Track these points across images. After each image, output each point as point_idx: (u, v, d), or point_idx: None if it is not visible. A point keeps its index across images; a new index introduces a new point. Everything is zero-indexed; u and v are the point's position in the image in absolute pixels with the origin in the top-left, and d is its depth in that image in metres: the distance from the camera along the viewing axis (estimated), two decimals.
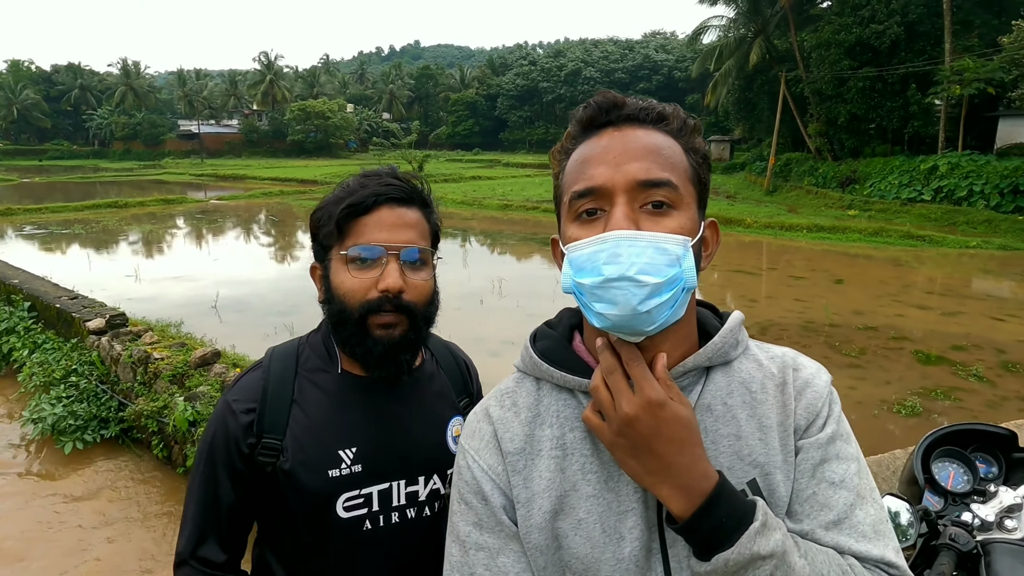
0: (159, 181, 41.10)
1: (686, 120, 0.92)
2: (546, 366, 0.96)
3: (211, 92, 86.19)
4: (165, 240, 18.86)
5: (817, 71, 26.51)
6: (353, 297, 1.19)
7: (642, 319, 0.81)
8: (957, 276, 14.00)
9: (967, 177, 20.63)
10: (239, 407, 1.24)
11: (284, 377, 1.27)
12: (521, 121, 78.17)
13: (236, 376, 1.35)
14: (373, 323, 1.19)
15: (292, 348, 1.33)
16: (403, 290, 1.18)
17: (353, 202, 1.19)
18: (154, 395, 6.01)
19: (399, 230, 1.20)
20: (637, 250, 0.80)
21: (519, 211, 24.46)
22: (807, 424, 0.90)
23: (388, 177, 1.25)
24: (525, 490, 0.92)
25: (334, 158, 65.27)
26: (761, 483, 0.87)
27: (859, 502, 0.86)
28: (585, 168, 0.88)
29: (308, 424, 1.23)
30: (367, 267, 1.19)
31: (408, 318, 1.20)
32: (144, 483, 5.58)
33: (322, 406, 1.25)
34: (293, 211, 25.67)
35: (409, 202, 1.24)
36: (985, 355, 8.33)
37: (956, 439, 1.40)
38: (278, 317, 9.80)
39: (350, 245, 1.19)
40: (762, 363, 0.95)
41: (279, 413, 1.23)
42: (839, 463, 0.88)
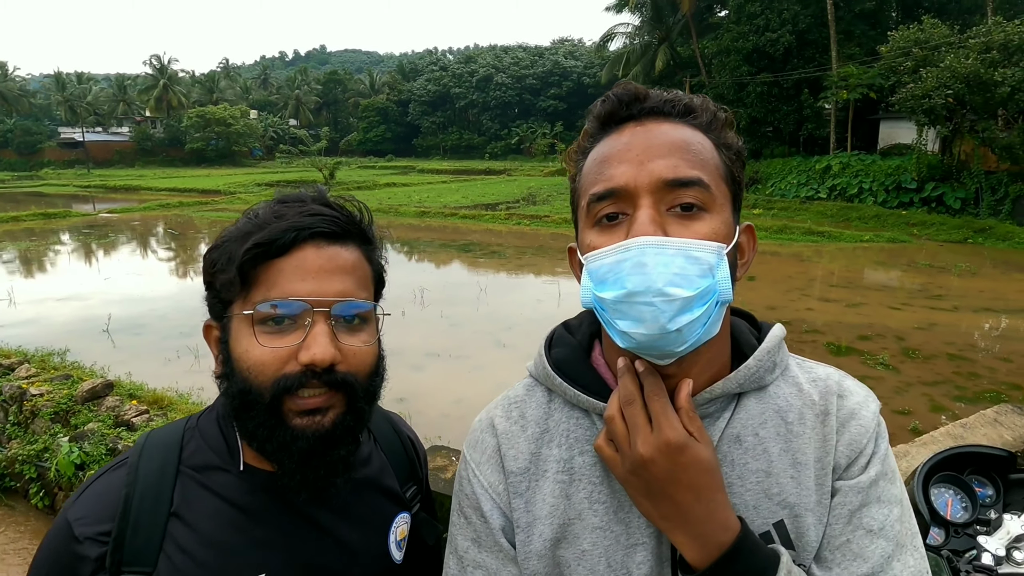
0: (38, 193, 37.74)
1: (716, 112, 0.82)
2: (559, 380, 0.86)
3: (96, 97, 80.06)
4: (47, 258, 17.23)
5: (719, 76, 27.81)
6: (263, 372, 0.84)
7: (671, 339, 0.72)
8: (855, 269, 14.92)
9: (857, 176, 22.21)
10: (85, 530, 0.85)
11: (160, 480, 0.89)
12: (434, 127, 77.68)
13: (85, 481, 0.93)
14: (291, 409, 0.85)
15: (175, 437, 0.95)
16: (336, 361, 0.85)
17: (263, 240, 0.85)
18: (32, 436, 5.30)
19: (329, 278, 0.87)
20: (665, 259, 0.71)
21: (436, 218, 24.11)
22: (848, 463, 0.80)
23: (314, 204, 0.91)
24: (526, 514, 0.84)
25: (238, 166, 62.37)
26: (790, 525, 0.78)
27: (898, 552, 0.77)
28: (605, 168, 0.78)
29: (195, 546, 0.86)
30: (283, 330, 0.85)
31: (345, 396, 0.87)
32: (22, 536, 4.89)
33: (218, 520, 0.89)
34: (195, 223, 24.17)
35: (344, 238, 0.91)
36: (888, 343, 8.83)
37: (952, 463, 1.29)
38: (180, 339, 9.05)
39: (259, 300, 0.85)
40: (802, 388, 0.84)
41: (149, 533, 0.85)
42: (880, 508, 0.78)
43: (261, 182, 39.54)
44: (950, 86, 17.15)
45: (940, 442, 2.25)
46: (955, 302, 11.35)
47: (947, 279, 13.22)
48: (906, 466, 2.09)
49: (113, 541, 0.84)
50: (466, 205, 26.62)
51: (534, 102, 71.67)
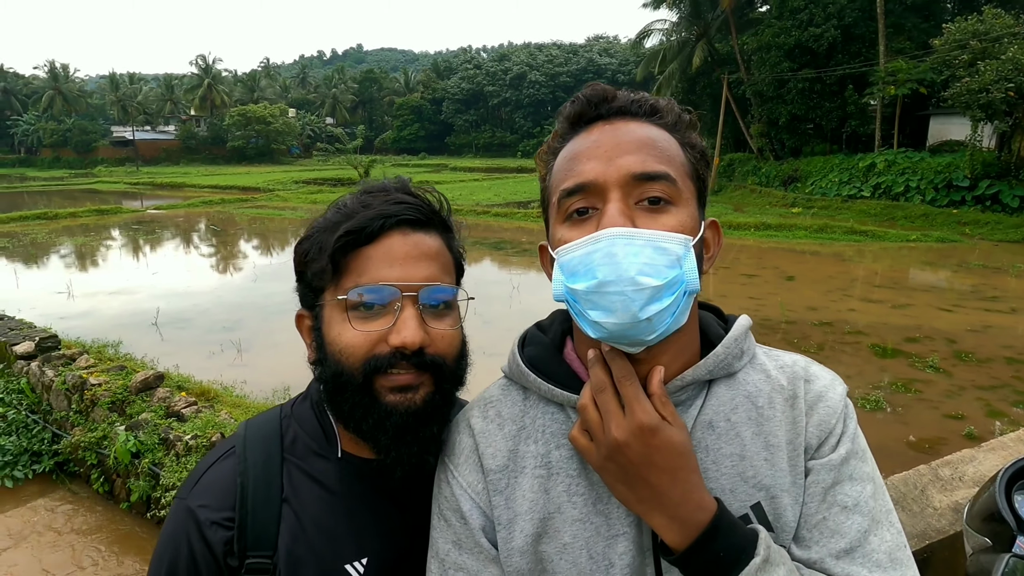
0: (92, 190, 39.09)
1: (681, 114, 0.85)
2: (533, 376, 0.88)
3: (146, 97, 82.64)
4: (99, 253, 17.85)
5: (758, 73, 27.22)
6: (354, 354, 0.88)
7: (642, 327, 0.74)
8: (900, 269, 14.49)
9: (903, 174, 21.52)
10: (209, 516, 0.89)
11: (268, 468, 0.93)
12: (467, 125, 77.94)
13: (196, 468, 0.97)
14: (383, 386, 0.88)
15: (273, 425, 0.98)
16: (425, 344, 0.88)
17: (353, 227, 0.88)
18: (92, 425, 5.52)
19: (416, 263, 0.90)
20: (634, 249, 0.73)
21: (469, 216, 24.19)
22: (819, 443, 0.82)
23: (398, 192, 0.94)
24: (507, 511, 0.85)
25: (277, 164, 63.57)
26: (767, 507, 0.80)
27: (874, 527, 0.79)
28: (575, 164, 0.81)
29: (304, 532, 0.91)
30: (374, 315, 0.88)
31: (433, 376, 0.90)
32: (85, 521, 5.10)
33: (321, 506, 0.93)
34: (235, 220, 24.73)
35: (427, 225, 0.93)
36: (938, 346, 8.56)
37: None
38: (223, 334, 9.30)
39: (350, 287, 0.88)
40: (770, 374, 0.87)
41: (267, 520, 0.89)
42: (853, 484, 0.80)
43: (299, 179, 40.26)
44: (1011, 79, 16.47)
45: (1010, 447, 2.18)
46: (1013, 304, 10.93)
47: (1003, 280, 12.74)
48: (974, 471, 2.04)
49: (237, 527, 0.88)
50: (498, 203, 26.67)
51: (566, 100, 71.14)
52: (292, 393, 6.31)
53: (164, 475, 4.62)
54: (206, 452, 4.60)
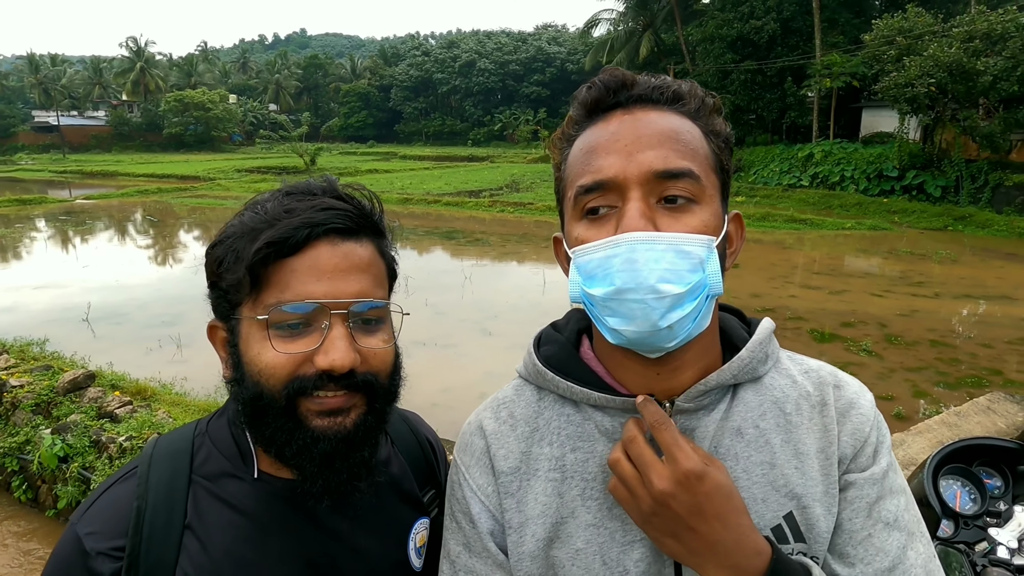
0: (12, 179, 36.86)
1: (704, 99, 0.79)
2: (551, 375, 0.84)
3: (71, 80, 78.22)
4: (23, 245, 16.85)
5: (703, 64, 27.78)
6: (276, 376, 0.79)
7: (662, 335, 0.71)
8: (837, 256, 15.09)
9: (839, 164, 22.40)
10: (95, 546, 0.80)
11: (171, 491, 0.84)
12: (416, 113, 76.91)
13: (96, 489, 0.89)
14: (309, 409, 0.80)
15: (185, 443, 0.89)
16: (355, 365, 0.81)
17: (275, 238, 0.79)
18: (13, 429, 5.20)
19: (345, 277, 0.81)
20: (655, 255, 0.70)
21: (420, 205, 23.95)
22: (854, 453, 0.80)
23: (325, 196, 0.85)
24: (518, 514, 0.82)
25: (217, 152, 61.31)
26: (799, 517, 0.78)
27: (911, 541, 0.78)
28: (592, 158, 0.76)
29: (210, 561, 0.82)
30: (299, 334, 0.80)
31: (366, 396, 0.83)
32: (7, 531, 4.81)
33: (232, 531, 0.84)
34: (174, 210, 23.78)
35: (358, 233, 0.85)
36: (870, 330, 8.95)
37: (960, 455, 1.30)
38: (162, 328, 8.93)
39: (271, 303, 0.79)
40: (796, 379, 0.84)
41: (163, 549, 0.80)
42: (892, 499, 0.79)
43: (241, 168, 38.95)
44: (933, 75, 17.29)
45: (935, 431, 2.28)
46: (936, 289, 11.52)
47: (928, 266, 13.42)
48: (903, 455, 2.12)
49: (128, 557, 0.80)
50: (449, 192, 26.46)
51: (517, 88, 71.20)
52: None
53: (96, 479, 4.39)
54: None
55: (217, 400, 5.94)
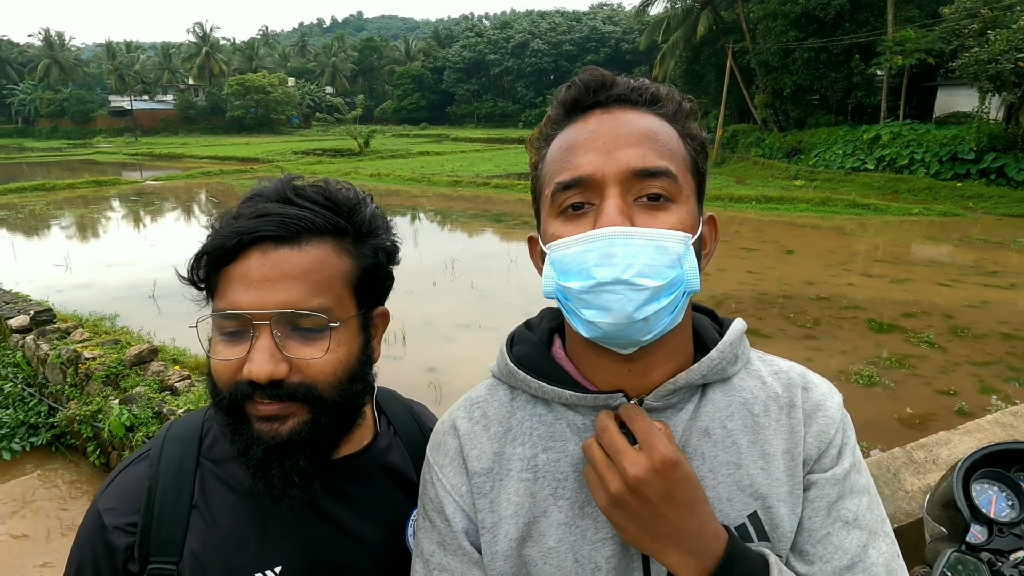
0: (90, 161, 38.86)
1: (681, 102, 0.82)
2: (522, 374, 0.85)
3: (143, 66, 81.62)
4: (99, 224, 17.81)
5: (763, 42, 26.73)
6: (220, 379, 0.83)
7: (638, 328, 0.72)
8: (901, 243, 14.41)
9: (908, 146, 21.27)
10: (114, 521, 0.87)
11: (180, 473, 0.90)
12: (468, 95, 76.99)
13: (114, 470, 0.95)
14: (252, 413, 0.83)
15: (194, 427, 0.95)
16: (281, 376, 0.80)
17: (209, 248, 0.82)
18: (87, 398, 5.57)
19: (273, 286, 0.80)
20: (633, 249, 0.70)
21: (469, 187, 24.07)
22: (819, 454, 0.81)
23: (267, 202, 0.85)
24: (491, 514, 0.83)
25: (276, 134, 63.05)
26: (763, 516, 0.79)
27: (872, 540, 0.79)
28: (571, 156, 0.76)
29: (213, 539, 0.88)
30: (236, 340, 0.82)
31: (306, 406, 0.83)
32: (83, 492, 5.17)
33: (234, 513, 0.89)
34: (234, 191, 24.61)
35: (297, 238, 0.83)
36: (934, 321, 8.55)
37: (998, 459, 1.25)
38: None
39: (215, 308, 0.83)
40: (766, 380, 0.85)
41: (172, 526, 0.87)
42: (853, 498, 0.80)
43: (298, 150, 39.96)
44: (1022, 49, 16.16)
45: (987, 430, 2.18)
46: (1012, 279, 10.89)
47: (1004, 255, 12.68)
48: (948, 455, 2.04)
49: (140, 533, 0.87)
50: (499, 175, 26.48)
51: (570, 69, 70.23)
52: None
53: None
54: None
55: None
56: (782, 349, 7.57)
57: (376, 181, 26.57)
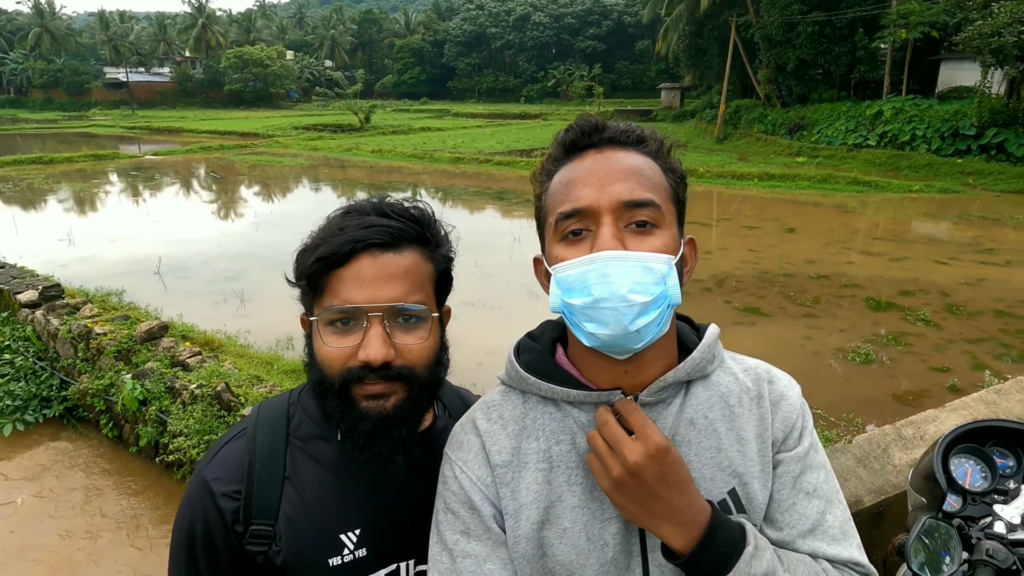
0: (87, 134, 38.60)
1: (662, 141, 0.95)
2: (533, 379, 0.97)
3: (138, 37, 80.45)
4: (99, 199, 17.79)
5: (767, 16, 26.43)
6: (331, 366, 0.99)
7: (632, 337, 0.84)
8: (901, 221, 14.45)
9: (910, 122, 21.17)
10: (221, 488, 1.04)
11: (274, 449, 1.07)
12: (470, 69, 76.12)
13: (215, 444, 1.12)
14: (358, 393, 0.99)
15: (282, 410, 1.12)
16: (390, 359, 0.97)
17: (324, 253, 0.97)
18: (99, 372, 5.68)
19: (382, 284, 0.98)
20: (625, 269, 0.83)
21: (471, 164, 23.98)
22: (784, 436, 0.96)
23: (373, 215, 1.01)
24: (513, 501, 0.94)
25: (275, 109, 62.48)
26: (740, 492, 0.93)
27: (828, 507, 0.95)
28: (570, 190, 0.89)
29: (304, 506, 1.05)
30: (347, 331, 0.98)
31: (405, 385, 1.00)
32: (96, 463, 5.31)
33: (320, 484, 1.07)
34: (235, 166, 24.53)
35: (397, 245, 1.01)
36: (931, 299, 8.65)
37: (974, 436, 1.35)
38: (226, 283, 9.41)
39: (326, 305, 0.99)
40: (738, 376, 0.99)
41: (269, 494, 1.04)
42: (812, 473, 0.95)
43: (298, 125, 39.65)
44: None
45: (972, 407, 2.28)
46: (1008, 256, 10.96)
47: (1002, 232, 12.74)
48: (935, 431, 2.14)
49: (244, 499, 1.03)
50: (501, 151, 26.35)
51: (572, 42, 69.46)
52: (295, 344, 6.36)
53: (171, 422, 4.78)
54: (211, 401, 4.76)
55: (278, 354, 6.29)
56: (782, 328, 7.69)
57: (378, 157, 26.46)
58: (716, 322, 1.03)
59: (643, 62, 66.52)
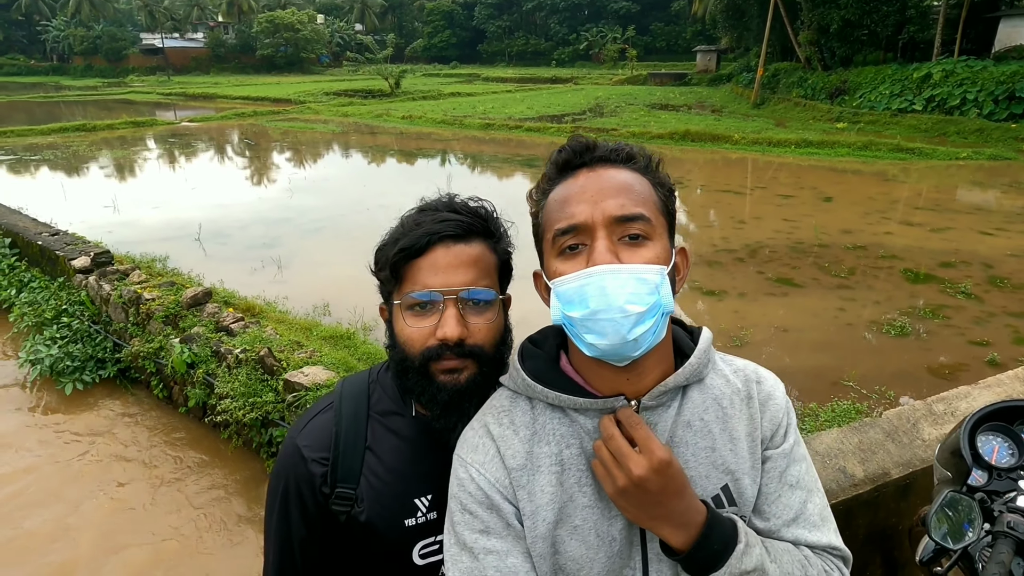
0: (126, 101, 39.19)
1: (651, 157, 1.01)
2: (539, 387, 1.01)
3: (172, 2, 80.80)
4: (138, 166, 18.21)
5: None
6: (412, 346, 1.12)
7: (629, 346, 0.89)
8: (945, 189, 13.99)
9: (961, 85, 20.21)
10: (311, 455, 1.18)
11: (356, 421, 1.21)
12: (500, 31, 74.79)
13: (305, 415, 1.28)
14: (436, 369, 1.12)
15: (363, 386, 1.26)
16: (464, 337, 1.10)
17: (405, 245, 1.12)
18: (149, 336, 5.94)
19: (456, 271, 1.11)
20: (620, 282, 0.88)
21: (501, 130, 23.79)
22: (772, 434, 1.04)
23: (444, 212, 1.15)
24: (530, 503, 0.99)
25: (306, 74, 62.56)
26: (732, 487, 1.00)
27: (809, 496, 1.03)
28: (565, 207, 0.95)
29: (383, 473, 1.18)
30: (425, 314, 1.12)
31: (476, 362, 1.13)
32: (148, 422, 5.61)
33: (397, 454, 1.20)
34: (268, 133, 24.77)
35: (467, 237, 1.14)
36: (973, 271, 8.44)
37: (1004, 415, 1.39)
38: (263, 250, 9.64)
39: (406, 291, 1.12)
40: (728, 378, 1.06)
41: (353, 461, 1.18)
42: (796, 466, 1.04)
43: (329, 91, 39.67)
44: None
45: (1007, 385, 2.29)
46: None
47: None
48: (966, 407, 2.16)
49: (331, 464, 1.17)
50: (531, 117, 26.05)
51: (605, 3, 67.54)
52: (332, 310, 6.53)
53: (218, 385, 5.01)
54: (255, 365, 4.97)
55: (316, 320, 6.48)
56: (815, 299, 7.61)
57: (408, 124, 26.42)
58: (747, 292, 1.12)
59: (678, 24, 64.49)
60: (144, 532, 4.30)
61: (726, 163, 17.30)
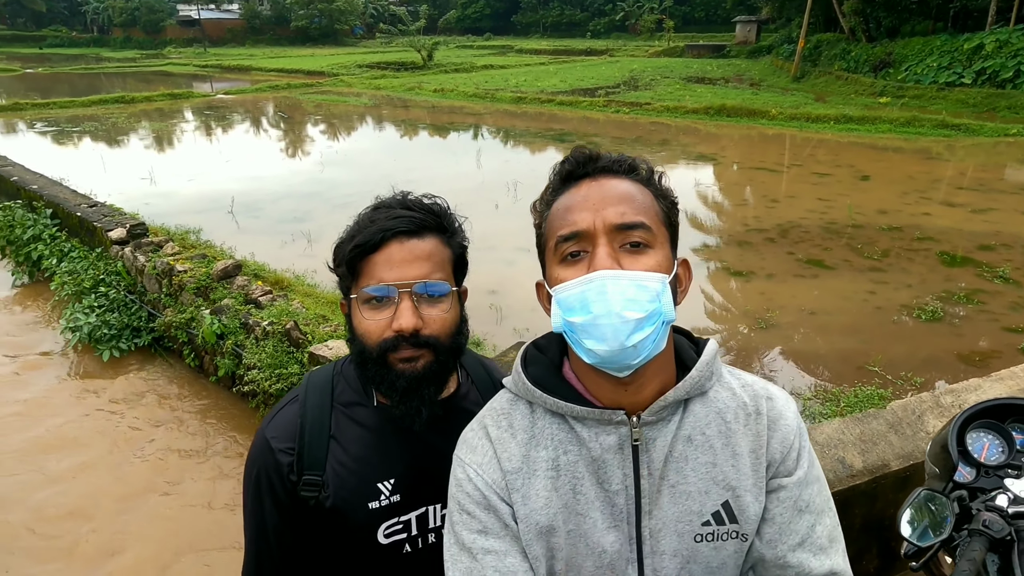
0: (164, 72, 39.83)
1: (652, 169, 1.02)
2: (539, 393, 1.01)
3: None
4: (175, 138, 18.57)
5: None
6: (370, 338, 1.17)
7: (628, 353, 0.89)
8: (991, 168, 13.45)
9: (1016, 56, 19.18)
10: (278, 445, 1.25)
11: (321, 411, 1.27)
12: (534, 1, 73.45)
13: (274, 408, 1.34)
14: (394, 358, 1.17)
15: (327, 379, 1.32)
16: (419, 328, 1.14)
17: (360, 242, 1.16)
18: (181, 307, 6.14)
19: (410, 265, 1.15)
20: (620, 287, 0.89)
21: (533, 104, 23.54)
22: (782, 457, 1.01)
23: (398, 209, 1.20)
24: (524, 506, 1.00)
25: (340, 46, 62.51)
26: (733, 504, 0.99)
27: (818, 519, 1.01)
28: (568, 215, 0.96)
29: (347, 460, 1.24)
30: (381, 307, 1.16)
31: (432, 351, 1.17)
32: (181, 389, 5.83)
33: (360, 441, 1.26)
34: (302, 106, 24.96)
35: (420, 232, 1.18)
36: (1014, 255, 8.16)
37: (997, 412, 1.38)
38: (294, 224, 9.79)
39: (362, 286, 1.17)
40: (735, 392, 1.04)
41: (318, 450, 1.23)
42: (808, 488, 1.02)
43: (362, 63, 39.64)
44: None
45: (1019, 377, 2.25)
46: None
47: None
48: (975, 400, 2.13)
49: (296, 454, 1.24)
50: (564, 90, 25.69)
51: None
52: None
53: (246, 356, 5.17)
54: (281, 338, 5.11)
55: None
56: (845, 281, 7.46)
57: (439, 97, 26.33)
58: (776, 273, 1.11)
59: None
60: (166, 486, 4.51)
61: (762, 139, 16.88)
